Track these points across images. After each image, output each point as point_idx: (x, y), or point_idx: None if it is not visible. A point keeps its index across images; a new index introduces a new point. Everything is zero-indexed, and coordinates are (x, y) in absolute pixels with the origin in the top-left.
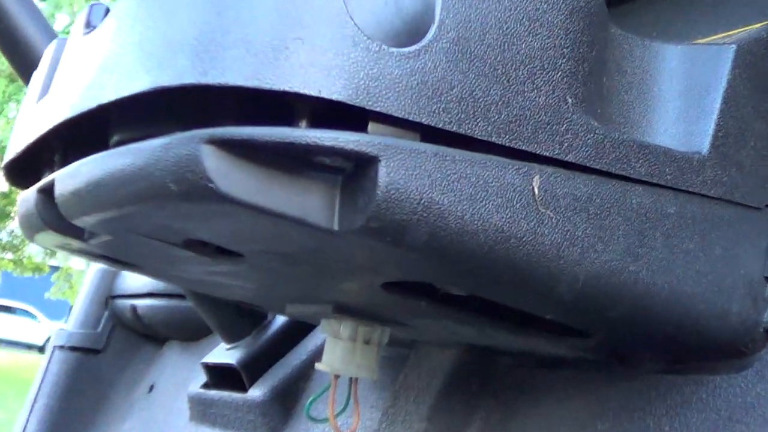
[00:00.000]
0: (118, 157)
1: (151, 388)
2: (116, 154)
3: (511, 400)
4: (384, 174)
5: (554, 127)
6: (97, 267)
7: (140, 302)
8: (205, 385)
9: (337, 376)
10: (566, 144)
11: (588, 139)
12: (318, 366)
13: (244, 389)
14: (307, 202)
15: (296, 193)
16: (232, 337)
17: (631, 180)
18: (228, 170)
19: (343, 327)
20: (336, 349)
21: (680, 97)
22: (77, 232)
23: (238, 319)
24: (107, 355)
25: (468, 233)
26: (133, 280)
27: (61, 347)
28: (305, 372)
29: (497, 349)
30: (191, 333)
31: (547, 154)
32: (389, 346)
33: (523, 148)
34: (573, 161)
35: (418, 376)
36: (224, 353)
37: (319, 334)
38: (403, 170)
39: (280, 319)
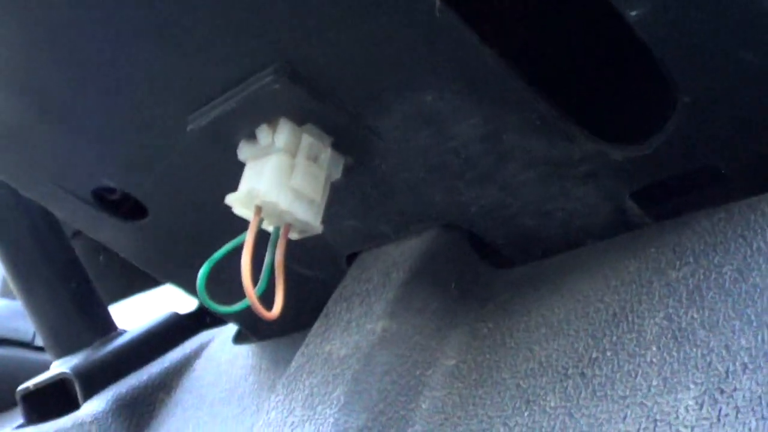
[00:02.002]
0: None
1: None
2: None
3: (513, 302)
4: None
5: None
6: None
7: None
8: (21, 426)
9: (259, 211)
10: None
11: None
12: (229, 198)
13: (78, 406)
14: None
15: None
16: (65, 346)
17: None
18: None
19: (280, 132)
20: (265, 167)
21: None
22: None
23: (76, 322)
24: None
25: None
26: None
27: None
28: (168, 381)
29: (487, 231)
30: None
31: None
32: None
33: None
34: None
35: (366, 279)
36: (52, 369)
37: (191, 344)
38: None
39: (135, 331)
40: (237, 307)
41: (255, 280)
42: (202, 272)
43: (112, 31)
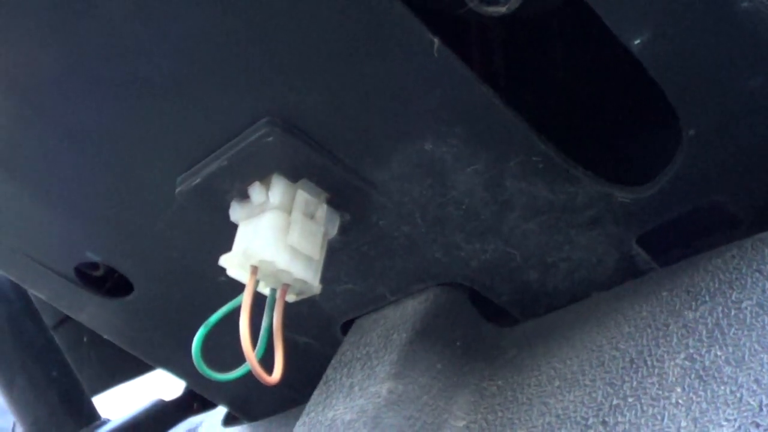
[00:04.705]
0: None
1: None
2: None
3: (521, 358)
4: None
5: None
6: None
7: None
8: None
9: (255, 271)
10: None
11: None
12: (223, 259)
13: None
14: None
15: None
16: None
17: None
18: None
19: (274, 189)
20: (259, 225)
21: None
22: None
23: (58, 412)
24: None
25: None
26: None
27: None
28: None
29: (489, 288)
30: None
31: None
32: None
33: None
34: None
35: (366, 343)
36: None
37: (178, 430)
38: None
39: (119, 420)
40: (237, 373)
41: (254, 344)
42: (198, 337)
43: (95, 89)
